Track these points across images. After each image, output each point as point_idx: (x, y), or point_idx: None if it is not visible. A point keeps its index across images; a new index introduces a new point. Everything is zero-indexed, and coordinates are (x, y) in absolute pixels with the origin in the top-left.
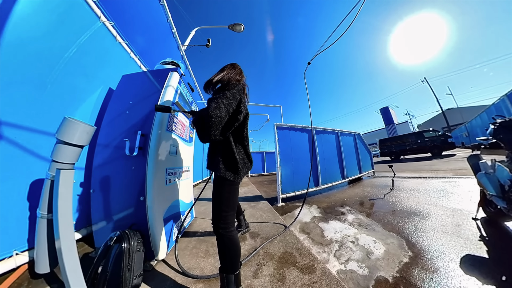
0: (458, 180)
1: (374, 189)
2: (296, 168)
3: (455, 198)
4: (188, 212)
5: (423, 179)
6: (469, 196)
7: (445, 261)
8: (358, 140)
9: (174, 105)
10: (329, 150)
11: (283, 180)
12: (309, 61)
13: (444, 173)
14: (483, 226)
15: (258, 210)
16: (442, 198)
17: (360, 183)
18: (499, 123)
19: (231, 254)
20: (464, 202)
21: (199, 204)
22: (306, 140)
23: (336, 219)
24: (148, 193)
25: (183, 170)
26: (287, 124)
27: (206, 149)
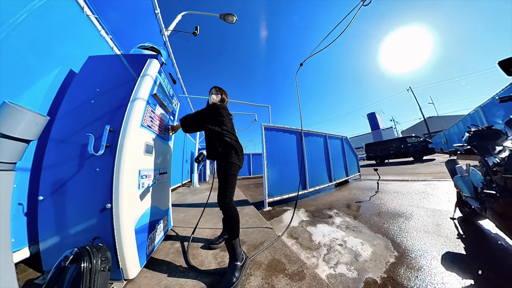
0: (437, 182)
1: (361, 191)
2: (284, 171)
3: (434, 200)
4: (165, 220)
5: (406, 182)
6: (447, 198)
7: (428, 259)
8: (345, 144)
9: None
10: (317, 153)
11: (270, 183)
12: (301, 62)
13: (424, 176)
14: (460, 225)
15: (244, 215)
16: (423, 200)
17: (347, 186)
18: (473, 132)
19: (236, 222)
20: (443, 203)
21: (177, 211)
22: (294, 142)
23: (324, 222)
24: (116, 199)
25: (159, 172)
26: (275, 125)
27: (187, 149)
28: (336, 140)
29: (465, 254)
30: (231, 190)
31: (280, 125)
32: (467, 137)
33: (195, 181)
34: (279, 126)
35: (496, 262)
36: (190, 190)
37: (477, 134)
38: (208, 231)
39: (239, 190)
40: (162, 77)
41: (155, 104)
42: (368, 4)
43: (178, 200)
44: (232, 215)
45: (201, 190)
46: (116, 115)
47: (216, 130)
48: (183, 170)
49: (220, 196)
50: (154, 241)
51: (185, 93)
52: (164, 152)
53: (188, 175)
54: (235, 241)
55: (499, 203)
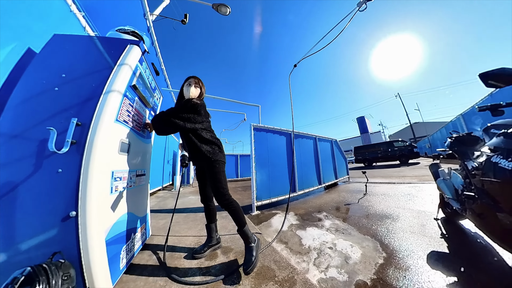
0: (422, 185)
1: (349, 194)
2: (273, 173)
3: (419, 201)
4: (142, 229)
5: (393, 185)
6: (431, 199)
7: (414, 259)
8: (335, 146)
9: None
10: (306, 155)
11: (258, 186)
12: (295, 63)
13: (410, 179)
14: (443, 225)
15: (230, 220)
16: (409, 202)
17: (336, 188)
18: (455, 137)
19: (241, 211)
20: (427, 205)
21: (157, 217)
22: (284, 144)
23: (313, 225)
24: (83, 206)
25: (136, 173)
26: (265, 126)
27: (169, 148)
28: (326, 142)
29: (448, 252)
30: (226, 186)
31: (270, 125)
32: (449, 143)
33: (177, 184)
34: (269, 126)
35: (477, 259)
36: (172, 194)
37: (458, 140)
38: (191, 239)
39: None
40: (143, 67)
41: (133, 96)
42: (364, 10)
43: (158, 205)
44: (236, 208)
45: (184, 194)
46: (86, 107)
47: (196, 127)
48: (164, 171)
49: (220, 195)
50: (130, 253)
51: (169, 87)
52: (143, 151)
53: (169, 177)
54: (245, 227)
55: (477, 204)
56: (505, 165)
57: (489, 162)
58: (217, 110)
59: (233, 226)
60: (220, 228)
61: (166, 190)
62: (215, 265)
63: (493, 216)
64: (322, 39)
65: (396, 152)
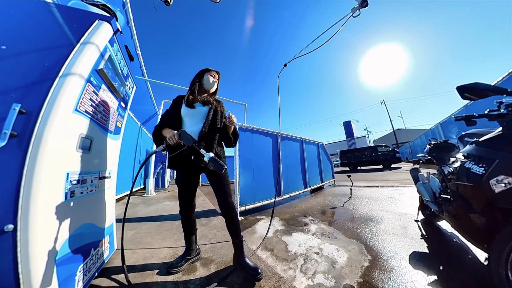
0: (403, 188)
1: (335, 197)
2: (258, 176)
3: (401, 204)
4: (105, 242)
5: (376, 188)
6: (411, 202)
7: (398, 260)
8: (321, 150)
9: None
10: (293, 158)
11: (242, 190)
12: (286, 63)
13: (392, 183)
14: (422, 226)
15: (211, 228)
16: (391, 205)
17: (321, 192)
18: (433, 144)
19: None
20: (408, 207)
21: (124, 227)
22: (270, 145)
23: (299, 230)
24: (24, 217)
25: (99, 176)
26: (250, 126)
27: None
28: (312, 145)
29: (428, 252)
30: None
31: (256, 126)
32: (428, 149)
33: (151, 188)
34: (254, 127)
35: (453, 257)
36: (143, 200)
37: (436, 146)
38: (166, 252)
39: (206, 198)
40: (114, 49)
41: (100, 83)
42: (357, 16)
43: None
44: (237, 215)
45: (158, 200)
46: (34, 91)
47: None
48: (135, 173)
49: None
50: (89, 274)
51: (145, 76)
52: (109, 149)
53: (141, 180)
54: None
55: (453, 206)
56: (476, 170)
57: (462, 167)
58: None
59: (213, 235)
60: (199, 238)
61: (137, 195)
62: (194, 279)
63: (466, 217)
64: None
65: (379, 156)
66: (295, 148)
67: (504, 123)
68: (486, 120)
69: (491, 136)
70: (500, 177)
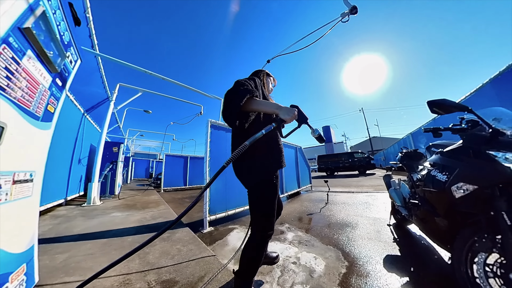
0: (377, 194)
1: (312, 203)
2: (231, 180)
3: (375, 209)
4: (20, 273)
5: (352, 194)
6: (384, 207)
7: (373, 265)
8: (299, 154)
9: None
10: None
11: (212, 196)
12: (269, 59)
13: (367, 189)
14: (394, 230)
15: (175, 243)
16: (366, 210)
17: (298, 197)
18: (404, 153)
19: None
20: (381, 212)
21: (51, 250)
22: None
23: (275, 239)
24: None
25: (13, 179)
26: (225, 124)
27: (84, 140)
28: (290, 149)
29: (400, 255)
30: None
31: None
32: (400, 157)
33: (94, 196)
34: None
35: (422, 259)
36: (83, 211)
37: (407, 155)
38: (113, 280)
39: (168, 207)
40: (52, 4)
41: (24, 48)
42: (346, 22)
43: (55, 230)
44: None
45: (104, 210)
46: None
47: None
48: (72, 175)
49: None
50: None
51: (96, 49)
52: (33, 141)
53: (80, 185)
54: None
55: (420, 210)
56: (440, 177)
57: (429, 175)
58: (166, 96)
59: (177, 251)
60: (159, 256)
61: (73, 205)
62: None
63: (432, 220)
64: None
65: (356, 162)
66: None
67: (464, 136)
68: (450, 133)
69: (453, 147)
70: (460, 184)
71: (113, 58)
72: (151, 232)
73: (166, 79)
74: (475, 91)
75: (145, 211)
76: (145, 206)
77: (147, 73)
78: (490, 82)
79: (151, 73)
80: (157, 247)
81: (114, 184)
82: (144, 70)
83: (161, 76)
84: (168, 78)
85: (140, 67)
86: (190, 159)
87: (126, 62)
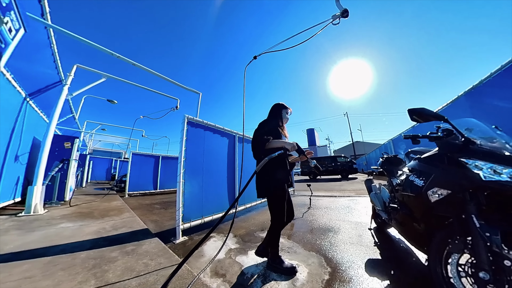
0: (358, 198)
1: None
2: (208, 183)
3: (356, 213)
4: None
5: (334, 198)
6: (365, 211)
7: (355, 269)
8: None
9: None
10: (251, 163)
11: (187, 201)
12: (256, 55)
13: (349, 193)
14: (375, 234)
15: (141, 256)
16: (348, 214)
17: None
18: (385, 158)
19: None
20: (363, 216)
21: None
22: (226, 147)
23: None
24: None
25: None
26: (204, 121)
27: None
28: None
29: (380, 258)
30: None
31: (211, 122)
32: (381, 162)
33: (36, 203)
34: (209, 123)
35: (401, 261)
36: (19, 222)
37: (387, 160)
38: None
39: (133, 214)
40: None
41: None
42: (337, 24)
43: None
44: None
45: (49, 221)
46: None
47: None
48: (4, 177)
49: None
50: None
51: (47, 18)
52: None
53: (16, 189)
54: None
55: (399, 214)
56: (418, 182)
57: (407, 180)
58: (137, 85)
59: (144, 266)
60: (121, 273)
61: (4, 216)
62: None
63: (410, 223)
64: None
65: (339, 166)
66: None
67: (440, 144)
68: (428, 140)
69: (430, 154)
70: (435, 189)
71: (70, 32)
72: (112, 246)
73: (137, 65)
74: (451, 102)
75: (105, 220)
76: (104, 214)
77: (114, 56)
78: (465, 95)
79: (118, 56)
80: (118, 262)
81: (64, 188)
82: (111, 52)
83: (131, 61)
84: (139, 64)
85: (105, 48)
86: (162, 159)
87: (87, 39)
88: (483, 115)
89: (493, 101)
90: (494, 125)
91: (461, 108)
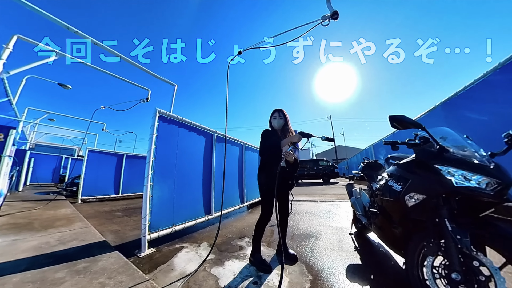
0: (339, 203)
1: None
2: (181, 187)
3: (337, 218)
4: None
5: (315, 202)
6: (346, 216)
7: (336, 276)
8: None
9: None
10: (231, 165)
11: (155, 207)
12: (241, 50)
13: (330, 197)
14: (356, 238)
15: (96, 275)
16: (329, 219)
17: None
18: (366, 163)
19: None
20: (343, 221)
21: None
22: (203, 147)
23: (233, 257)
24: None
25: None
26: (178, 117)
27: None
28: (254, 152)
29: (361, 263)
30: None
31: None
32: (361, 167)
33: None
34: (184, 119)
35: (380, 266)
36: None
37: (368, 165)
38: None
39: (88, 224)
40: None
41: None
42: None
43: None
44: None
45: None
46: None
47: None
48: None
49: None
50: None
51: None
52: None
53: None
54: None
55: (378, 218)
56: (396, 187)
57: (386, 185)
58: (98, 68)
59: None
60: None
61: None
62: None
63: (389, 227)
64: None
65: (320, 170)
66: (234, 154)
67: (417, 151)
68: (406, 147)
69: (407, 160)
70: (412, 193)
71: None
72: (58, 264)
73: (99, 44)
74: (428, 111)
75: (49, 233)
76: (48, 224)
77: (71, 31)
78: (441, 105)
79: (77, 31)
80: (66, 285)
81: None
82: (66, 25)
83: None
84: (102, 44)
85: (60, 20)
86: (127, 158)
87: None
88: (456, 124)
89: (465, 112)
90: (465, 135)
91: (437, 117)
